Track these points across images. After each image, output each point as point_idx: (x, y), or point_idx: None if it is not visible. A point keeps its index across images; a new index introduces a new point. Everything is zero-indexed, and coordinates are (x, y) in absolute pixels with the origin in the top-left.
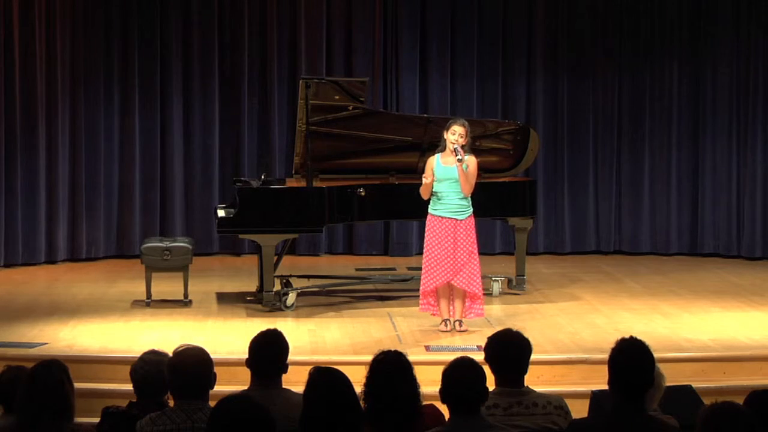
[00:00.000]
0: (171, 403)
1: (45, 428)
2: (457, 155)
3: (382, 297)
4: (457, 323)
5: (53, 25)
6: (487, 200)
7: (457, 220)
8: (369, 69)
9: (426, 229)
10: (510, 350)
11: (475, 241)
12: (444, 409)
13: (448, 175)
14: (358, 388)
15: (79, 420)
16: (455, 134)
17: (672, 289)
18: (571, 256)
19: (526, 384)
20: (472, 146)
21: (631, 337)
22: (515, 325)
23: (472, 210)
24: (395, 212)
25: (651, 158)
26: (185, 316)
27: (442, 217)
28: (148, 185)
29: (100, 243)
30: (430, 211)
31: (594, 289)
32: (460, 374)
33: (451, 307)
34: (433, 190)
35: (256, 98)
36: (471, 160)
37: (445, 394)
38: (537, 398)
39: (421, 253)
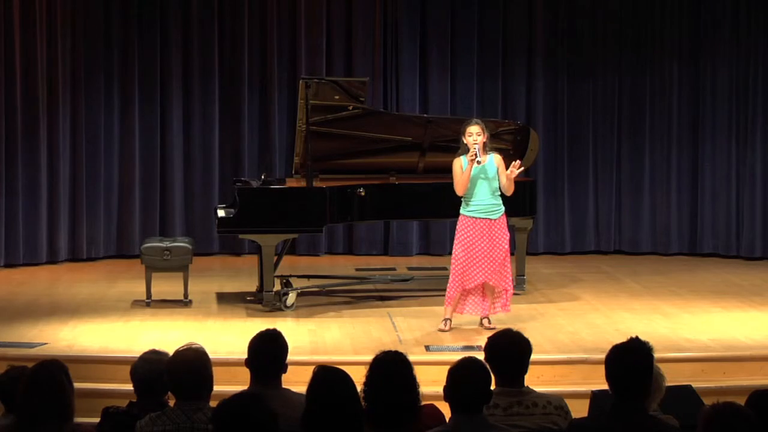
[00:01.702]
0: (171, 403)
1: (45, 428)
2: (476, 157)
3: (382, 297)
4: (485, 320)
5: (54, 25)
6: None
7: (491, 219)
8: (369, 69)
9: (459, 229)
10: (510, 350)
11: (509, 240)
12: (444, 409)
13: (478, 174)
14: (358, 388)
15: (79, 420)
16: (472, 135)
17: (672, 289)
18: (571, 256)
19: (526, 384)
20: None
21: (631, 339)
22: (515, 325)
23: (503, 208)
24: (395, 212)
25: (651, 158)
26: (185, 316)
27: (476, 218)
28: (148, 185)
29: (100, 243)
30: (462, 212)
31: (594, 289)
32: (467, 374)
33: (485, 302)
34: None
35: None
36: (498, 159)
37: (449, 393)
38: (537, 398)
39: (421, 253)
